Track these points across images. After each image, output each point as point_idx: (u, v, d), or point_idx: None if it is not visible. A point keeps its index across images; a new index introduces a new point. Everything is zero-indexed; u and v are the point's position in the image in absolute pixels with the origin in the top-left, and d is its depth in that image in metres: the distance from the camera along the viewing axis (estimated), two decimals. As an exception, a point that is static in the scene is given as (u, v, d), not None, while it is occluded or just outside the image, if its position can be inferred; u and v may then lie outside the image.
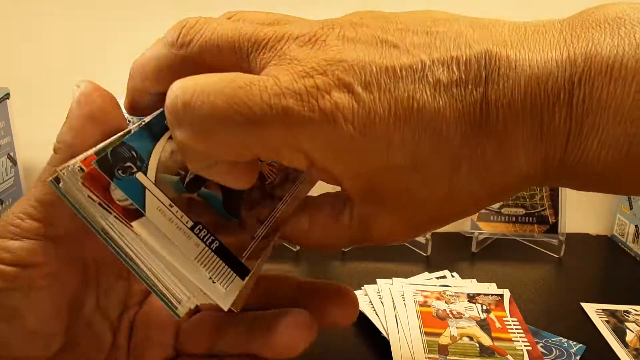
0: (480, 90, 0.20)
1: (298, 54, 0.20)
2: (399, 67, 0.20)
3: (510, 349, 0.39)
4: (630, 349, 0.41)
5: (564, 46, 0.21)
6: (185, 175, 0.25)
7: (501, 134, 0.20)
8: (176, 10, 0.66)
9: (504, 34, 0.22)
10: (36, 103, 0.65)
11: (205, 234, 0.24)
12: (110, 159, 0.22)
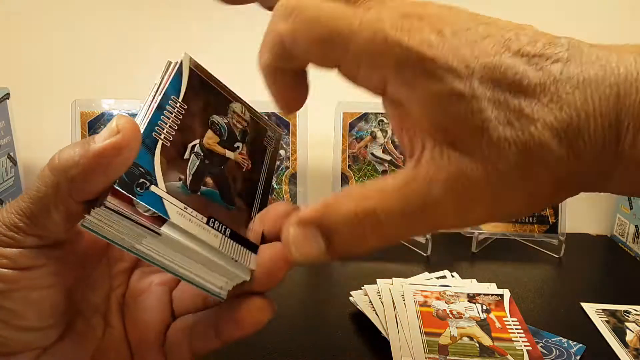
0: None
1: (399, 2, 0.23)
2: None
3: (510, 349, 0.39)
4: (630, 349, 0.41)
5: None
6: (186, 179, 0.30)
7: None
8: (174, 10, 0.66)
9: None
10: (36, 103, 0.65)
11: (218, 225, 0.29)
12: (127, 180, 0.26)
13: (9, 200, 0.56)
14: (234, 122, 0.35)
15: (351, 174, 0.58)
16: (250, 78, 0.68)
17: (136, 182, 0.27)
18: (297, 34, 0.24)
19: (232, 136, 0.35)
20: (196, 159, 0.32)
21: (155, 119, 0.30)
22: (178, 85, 0.32)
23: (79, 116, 0.55)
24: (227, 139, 0.34)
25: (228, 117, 0.35)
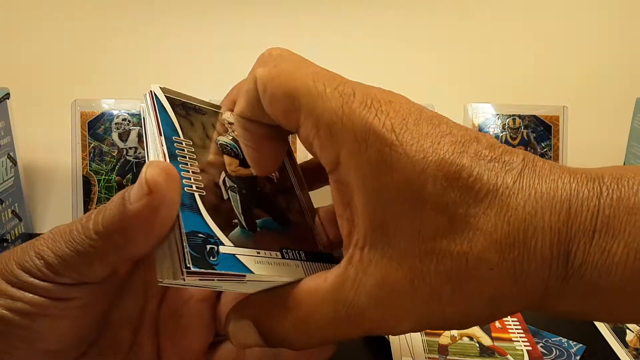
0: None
1: (375, 89, 0.23)
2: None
3: (510, 349, 0.39)
4: (630, 349, 0.41)
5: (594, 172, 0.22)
6: (240, 221, 0.28)
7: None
8: (174, 10, 0.66)
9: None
10: (36, 103, 0.65)
11: (292, 253, 0.28)
12: (196, 254, 0.24)
13: (9, 200, 0.56)
14: (236, 134, 0.31)
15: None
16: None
17: (205, 251, 0.25)
18: (270, 81, 0.23)
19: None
20: (235, 194, 0.29)
21: (178, 172, 0.26)
22: (170, 122, 0.29)
23: (79, 116, 0.55)
24: (243, 157, 0.31)
25: (229, 132, 0.32)
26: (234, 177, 0.30)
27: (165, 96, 0.30)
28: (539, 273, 0.21)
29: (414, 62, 0.69)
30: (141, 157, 0.56)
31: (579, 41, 0.70)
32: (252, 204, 0.29)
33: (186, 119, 0.30)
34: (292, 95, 0.23)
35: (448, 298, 0.21)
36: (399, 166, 0.21)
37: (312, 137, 0.23)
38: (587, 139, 0.61)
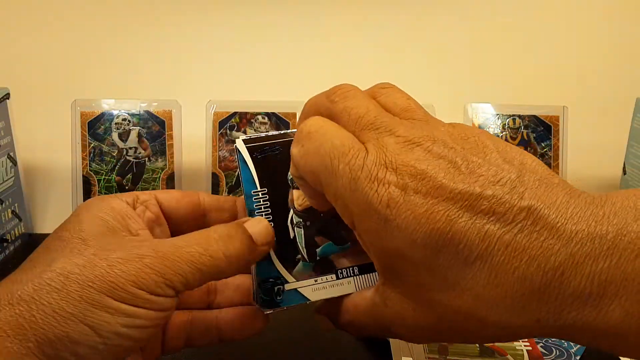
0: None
1: (391, 146, 0.26)
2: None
3: (510, 349, 0.39)
4: (630, 349, 0.41)
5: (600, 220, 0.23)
6: (303, 256, 0.35)
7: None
8: (174, 10, 0.66)
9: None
10: (36, 103, 0.65)
11: (347, 271, 0.34)
12: (266, 298, 0.34)
13: (9, 200, 0.56)
14: None
15: (351, 174, 0.58)
16: (253, 75, 0.67)
17: (273, 293, 0.34)
18: (299, 160, 0.29)
19: None
20: (300, 229, 0.36)
21: None
22: (250, 177, 0.35)
23: (79, 116, 0.55)
24: None
25: None
26: (300, 211, 0.36)
27: (246, 147, 0.36)
28: (528, 329, 0.24)
29: (414, 62, 0.69)
30: (141, 157, 0.56)
31: (579, 41, 0.70)
32: (314, 234, 0.36)
33: (263, 165, 0.36)
34: (315, 173, 0.28)
35: (447, 336, 0.27)
36: (394, 237, 0.25)
37: (333, 204, 0.28)
38: (587, 139, 0.61)
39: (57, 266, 0.27)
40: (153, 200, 0.35)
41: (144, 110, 0.56)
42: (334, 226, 0.36)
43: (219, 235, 0.30)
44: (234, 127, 0.57)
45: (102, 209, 0.31)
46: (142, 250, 0.28)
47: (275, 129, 0.57)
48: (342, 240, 0.36)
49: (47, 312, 0.26)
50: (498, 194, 0.24)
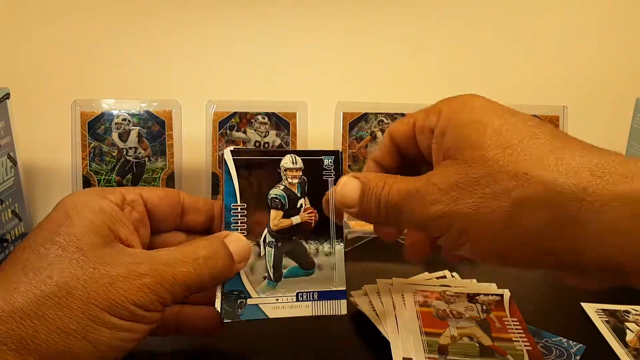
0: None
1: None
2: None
3: (511, 349, 0.39)
4: (630, 349, 0.41)
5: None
6: (269, 274, 0.37)
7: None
8: (173, 10, 0.66)
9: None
10: (36, 103, 0.65)
11: (306, 295, 0.37)
12: (228, 309, 0.36)
13: (9, 200, 0.56)
14: (289, 181, 0.38)
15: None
16: (253, 75, 0.67)
17: (235, 305, 0.36)
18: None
19: (292, 198, 0.38)
20: (270, 249, 0.37)
21: None
22: (233, 190, 0.37)
23: (79, 116, 0.55)
24: (289, 206, 0.38)
25: (282, 180, 0.38)
26: (275, 231, 0.38)
27: (233, 159, 0.37)
28: (573, 194, 0.27)
29: (414, 62, 0.69)
30: (141, 157, 0.56)
31: (579, 41, 0.70)
32: (282, 256, 0.38)
33: (246, 179, 0.37)
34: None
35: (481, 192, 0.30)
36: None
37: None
38: (587, 139, 0.61)
39: (58, 279, 0.28)
40: (139, 199, 0.36)
41: (144, 110, 0.56)
42: (303, 251, 0.38)
43: (206, 255, 0.33)
44: (234, 127, 0.57)
45: (92, 210, 0.32)
46: (141, 268, 0.30)
47: (275, 129, 0.57)
48: (309, 265, 0.38)
49: (51, 328, 0.27)
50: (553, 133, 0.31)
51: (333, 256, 0.39)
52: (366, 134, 0.58)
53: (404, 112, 0.58)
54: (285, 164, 0.38)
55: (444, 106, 0.33)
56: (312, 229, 0.38)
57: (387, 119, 0.58)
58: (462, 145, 0.31)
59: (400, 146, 0.38)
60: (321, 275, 0.38)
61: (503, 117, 0.31)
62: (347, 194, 0.35)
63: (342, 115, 0.58)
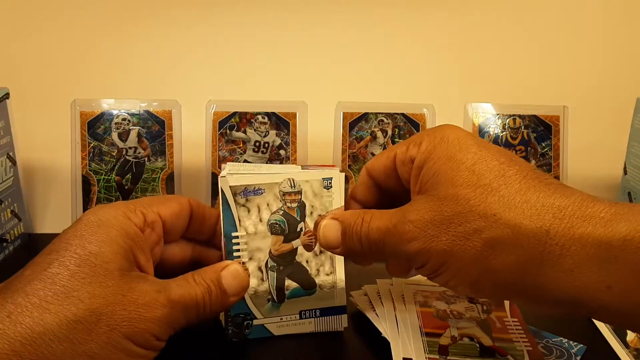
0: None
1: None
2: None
3: (511, 349, 0.39)
4: (630, 350, 0.41)
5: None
6: (273, 297, 0.39)
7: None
8: (173, 10, 0.66)
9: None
10: (36, 103, 0.65)
11: (309, 313, 0.40)
12: (236, 330, 0.39)
13: (8, 200, 0.56)
14: (288, 205, 0.39)
15: (351, 174, 0.58)
16: (253, 75, 0.67)
17: (242, 327, 0.39)
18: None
19: (292, 222, 0.39)
20: (273, 273, 0.39)
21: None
22: (232, 219, 0.37)
23: (79, 116, 0.55)
24: (289, 230, 0.39)
25: (282, 205, 0.39)
26: (276, 256, 0.39)
27: (229, 187, 0.37)
28: (535, 238, 0.29)
29: (414, 62, 0.69)
30: (141, 157, 0.56)
31: (579, 41, 0.70)
32: (284, 279, 0.39)
33: (245, 207, 0.38)
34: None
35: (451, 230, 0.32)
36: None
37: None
38: (587, 139, 0.61)
39: (90, 304, 0.29)
40: (158, 220, 0.37)
41: (144, 110, 0.56)
42: (305, 272, 0.39)
43: (205, 290, 0.35)
44: (234, 127, 0.57)
45: (118, 231, 0.33)
46: (161, 298, 0.32)
47: (275, 129, 0.57)
48: (311, 286, 0.40)
49: (77, 351, 0.28)
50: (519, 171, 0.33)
51: (334, 275, 0.40)
52: (366, 134, 0.58)
53: (404, 112, 0.58)
54: (284, 189, 0.38)
55: (425, 138, 0.35)
56: (314, 254, 0.40)
57: (387, 119, 0.58)
58: (436, 181, 0.33)
59: (378, 180, 0.39)
60: (322, 293, 0.40)
61: (477, 153, 0.32)
62: (329, 236, 0.37)
63: (342, 115, 0.58)
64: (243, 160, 0.57)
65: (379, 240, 0.34)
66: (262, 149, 0.57)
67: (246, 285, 0.37)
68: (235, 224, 0.37)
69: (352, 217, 0.36)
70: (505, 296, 0.34)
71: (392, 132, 0.58)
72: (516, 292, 0.31)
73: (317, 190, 0.39)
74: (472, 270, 0.31)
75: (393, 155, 0.37)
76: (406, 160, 0.36)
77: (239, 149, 0.57)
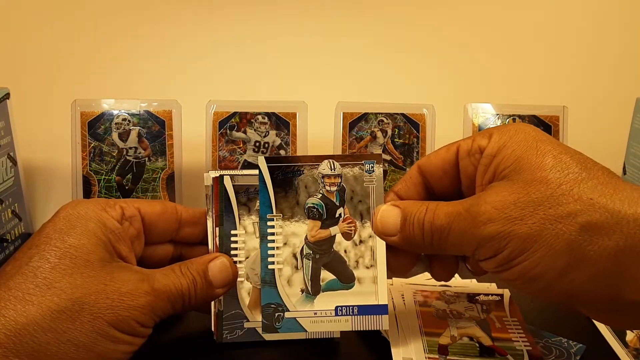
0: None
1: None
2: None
3: (511, 349, 0.39)
4: (630, 349, 0.41)
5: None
6: (307, 288, 0.37)
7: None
8: (173, 9, 0.66)
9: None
10: (36, 103, 0.65)
11: (346, 309, 0.37)
12: (267, 322, 0.36)
13: (8, 200, 0.56)
14: (327, 189, 0.37)
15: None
16: (253, 75, 0.67)
17: (273, 318, 0.36)
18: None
19: (330, 207, 0.37)
20: (308, 261, 0.36)
21: (265, 252, 0.36)
22: (267, 200, 0.36)
23: (79, 116, 0.55)
24: (327, 215, 0.37)
25: (320, 188, 0.37)
26: (313, 242, 0.36)
27: (268, 167, 0.36)
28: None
29: (414, 62, 0.69)
30: (141, 157, 0.56)
31: (578, 41, 0.70)
32: (321, 268, 0.37)
33: (282, 188, 0.36)
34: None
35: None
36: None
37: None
38: (587, 139, 0.61)
39: (72, 294, 0.30)
40: (137, 215, 0.37)
41: (144, 110, 0.56)
42: (342, 263, 0.37)
43: (190, 281, 0.35)
44: (234, 127, 0.57)
45: (95, 224, 0.33)
46: (144, 286, 0.32)
47: (275, 129, 0.57)
48: (348, 279, 0.37)
49: (62, 341, 0.29)
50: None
51: (374, 269, 0.37)
52: (366, 134, 0.58)
53: (404, 112, 0.58)
54: (323, 171, 0.37)
55: (494, 131, 0.33)
56: (353, 244, 0.37)
57: (387, 119, 0.58)
58: (520, 166, 0.30)
59: (431, 178, 0.37)
60: (361, 289, 0.37)
61: (558, 146, 0.31)
62: (387, 222, 0.35)
63: (342, 115, 0.58)
64: (243, 160, 0.57)
65: (445, 227, 0.32)
66: (262, 149, 0.57)
67: (233, 279, 0.37)
68: (270, 205, 0.36)
69: (414, 204, 0.34)
70: (594, 292, 0.29)
71: (392, 132, 0.58)
72: (608, 286, 0.28)
73: (357, 174, 0.37)
74: (561, 258, 0.28)
75: (455, 148, 0.35)
76: (473, 150, 0.34)
77: (239, 149, 0.57)
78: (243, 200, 0.37)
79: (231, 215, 0.37)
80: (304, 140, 0.57)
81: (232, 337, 0.38)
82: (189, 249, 0.41)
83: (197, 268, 0.35)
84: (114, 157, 0.56)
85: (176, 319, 0.43)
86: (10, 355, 0.27)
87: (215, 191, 0.37)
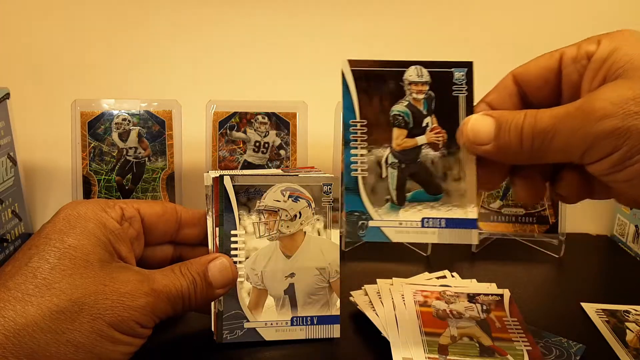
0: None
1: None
2: None
3: (510, 349, 0.39)
4: (630, 349, 0.41)
5: None
6: (392, 197, 0.35)
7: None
8: (173, 9, 0.66)
9: None
10: (36, 103, 0.65)
11: (432, 221, 0.35)
12: (350, 230, 0.34)
13: (8, 200, 0.56)
14: (414, 97, 0.35)
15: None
16: (253, 75, 0.67)
17: (357, 226, 0.34)
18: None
19: (417, 115, 0.35)
20: (393, 170, 0.35)
21: (348, 159, 0.34)
22: (351, 105, 0.34)
23: (79, 116, 0.55)
24: (414, 124, 0.35)
25: (407, 95, 0.35)
26: (398, 151, 0.35)
27: (351, 70, 0.34)
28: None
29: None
30: (141, 157, 0.56)
31: (578, 40, 0.69)
32: (407, 178, 0.35)
33: (366, 93, 0.34)
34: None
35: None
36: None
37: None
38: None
39: (71, 294, 0.30)
40: (137, 216, 0.37)
41: (144, 110, 0.56)
42: (429, 173, 0.35)
43: (190, 282, 0.35)
44: (234, 127, 0.57)
45: (95, 224, 0.33)
46: (144, 287, 0.32)
47: (275, 129, 0.57)
48: (436, 190, 0.35)
49: (61, 341, 0.29)
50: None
51: (463, 182, 0.35)
52: (366, 134, 0.58)
53: (404, 112, 0.58)
54: (410, 77, 0.34)
55: (602, 37, 0.32)
56: (441, 155, 0.35)
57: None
58: (637, 65, 0.29)
59: (528, 88, 0.35)
60: (449, 201, 0.35)
61: None
62: (480, 129, 0.32)
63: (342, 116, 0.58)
64: (243, 160, 0.57)
65: (549, 129, 0.29)
66: (262, 149, 0.57)
67: (233, 279, 0.37)
68: (354, 111, 0.34)
69: (509, 113, 0.32)
70: None
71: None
72: None
73: (446, 83, 0.35)
74: None
75: (559, 55, 0.34)
76: (579, 57, 0.32)
77: (239, 149, 0.57)
78: (243, 200, 0.38)
79: (231, 216, 0.37)
80: (304, 141, 0.58)
81: (232, 337, 0.38)
82: (189, 249, 0.41)
83: (197, 268, 0.35)
84: (114, 157, 0.56)
85: (176, 319, 0.43)
86: (10, 355, 0.27)
87: (215, 191, 0.37)
